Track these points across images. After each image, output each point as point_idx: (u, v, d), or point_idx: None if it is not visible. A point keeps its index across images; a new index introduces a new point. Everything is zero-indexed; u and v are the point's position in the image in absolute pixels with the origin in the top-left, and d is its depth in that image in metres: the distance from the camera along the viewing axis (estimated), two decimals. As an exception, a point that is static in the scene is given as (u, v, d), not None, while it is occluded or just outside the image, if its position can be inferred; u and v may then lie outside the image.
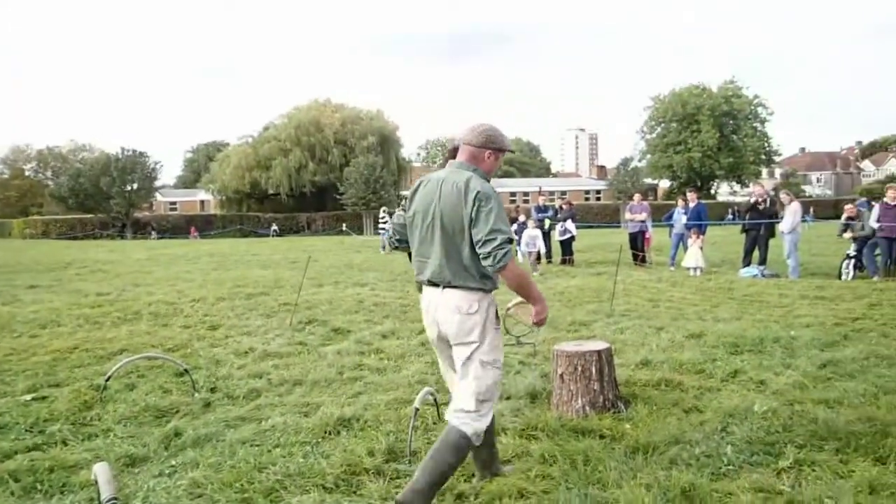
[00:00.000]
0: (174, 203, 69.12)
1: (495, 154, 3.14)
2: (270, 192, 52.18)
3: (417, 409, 3.80)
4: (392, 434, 3.94)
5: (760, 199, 13.12)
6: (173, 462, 3.69)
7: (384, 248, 22.37)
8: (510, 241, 2.94)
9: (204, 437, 4.06)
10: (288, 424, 4.23)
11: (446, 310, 3.07)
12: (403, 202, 3.32)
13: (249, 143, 54.52)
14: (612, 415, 4.19)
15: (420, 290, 3.27)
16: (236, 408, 4.72)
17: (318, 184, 50.61)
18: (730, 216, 42.52)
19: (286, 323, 8.07)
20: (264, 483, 3.34)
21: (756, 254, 12.90)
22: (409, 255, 3.36)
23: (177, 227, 49.11)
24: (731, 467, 3.34)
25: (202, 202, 67.81)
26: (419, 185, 3.23)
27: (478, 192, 2.93)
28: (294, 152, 50.29)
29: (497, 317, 3.14)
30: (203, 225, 48.41)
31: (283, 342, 6.99)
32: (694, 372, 5.24)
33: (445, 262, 3.04)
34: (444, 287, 3.08)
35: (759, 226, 12.87)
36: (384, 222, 23.44)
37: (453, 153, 3.24)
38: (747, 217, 13.18)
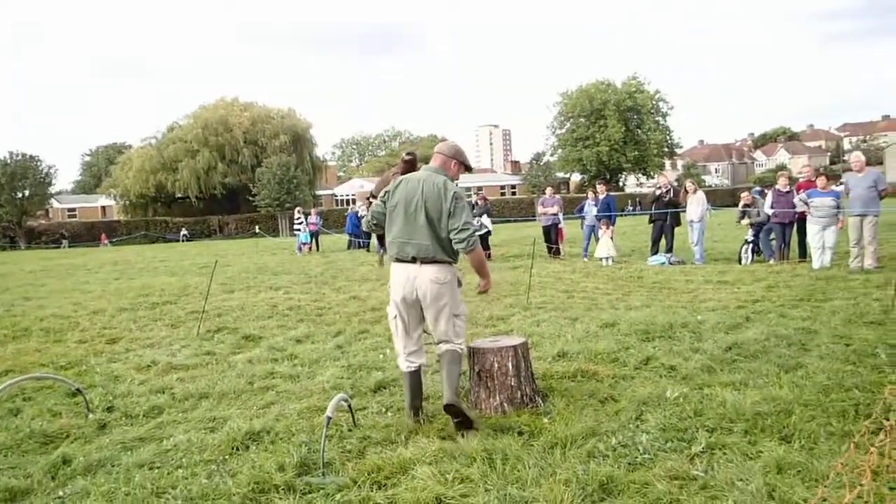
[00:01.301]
0: (73, 209, 65.05)
1: (459, 165, 4.21)
2: (178, 195, 49.93)
3: (330, 418, 3.64)
4: (304, 445, 3.74)
5: (665, 190, 13.61)
6: (60, 493, 3.36)
7: (300, 249, 21.83)
8: (476, 231, 4.00)
9: (97, 462, 3.73)
10: (192, 442, 3.95)
11: (425, 279, 3.98)
12: (384, 194, 4.18)
13: (153, 145, 51.95)
14: (529, 410, 4.16)
15: (381, 263, 4.47)
16: (135, 428, 4.38)
17: (229, 185, 48.85)
18: (630, 207, 44.06)
19: (193, 332, 7.67)
20: (163, 509, 3.09)
21: (663, 242, 13.39)
22: (381, 237, 4.26)
23: (76, 235, 46.20)
24: (646, 456, 3.36)
25: (104, 208, 64.21)
26: (399, 183, 4.11)
27: (454, 193, 3.98)
28: (202, 153, 48.30)
29: (459, 281, 4.15)
30: (106, 232, 45.76)
31: (190, 353, 6.62)
32: (608, 361, 5.30)
33: (430, 243, 3.96)
34: (421, 263, 3.97)
35: (665, 215, 13.35)
36: (299, 223, 22.87)
37: (408, 163, 4.69)
38: (653, 207, 13.64)
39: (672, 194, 13.54)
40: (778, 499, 2.80)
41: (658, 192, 13.83)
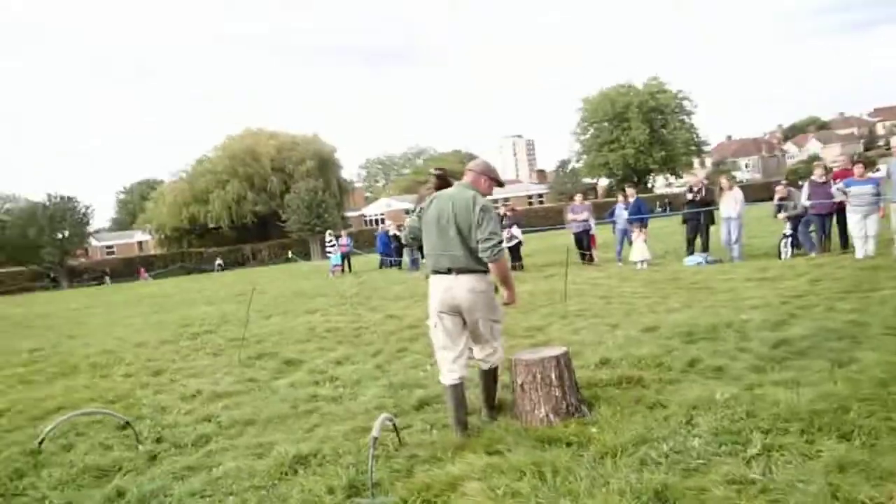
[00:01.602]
0: (111, 246, 66.70)
1: (490, 181, 4.40)
2: (211, 225, 50.93)
3: (376, 438, 3.62)
4: (352, 467, 3.74)
5: (697, 189, 13.41)
6: (117, 526, 3.40)
7: (332, 272, 22.02)
8: (501, 241, 4.19)
9: (149, 493, 3.78)
10: (241, 469, 3.98)
11: (462, 289, 4.16)
12: (419, 209, 4.42)
13: (184, 179, 53.15)
14: (576, 420, 4.10)
15: (427, 277, 4.39)
16: (184, 457, 4.43)
17: (260, 213, 49.66)
18: (659, 208, 43.38)
19: (234, 359, 7.75)
20: (217, 538, 3.10)
21: (698, 241, 13.17)
22: (421, 249, 4.47)
23: (115, 271, 47.31)
24: (700, 461, 3.28)
25: (140, 243, 65.71)
26: (432, 200, 4.34)
27: (482, 206, 4.14)
28: (232, 183, 49.25)
29: (496, 287, 4.36)
30: (144, 266, 46.79)
31: (233, 380, 6.69)
32: (653, 366, 5.21)
33: (462, 254, 4.14)
34: (457, 273, 4.15)
35: (698, 215, 13.15)
36: (331, 246, 23.08)
37: (440, 178, 4.66)
38: (686, 207, 13.46)
39: (705, 193, 13.35)
40: (842, 499, 2.70)
41: (690, 196, 13.65)
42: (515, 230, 15.66)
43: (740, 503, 2.81)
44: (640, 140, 57.84)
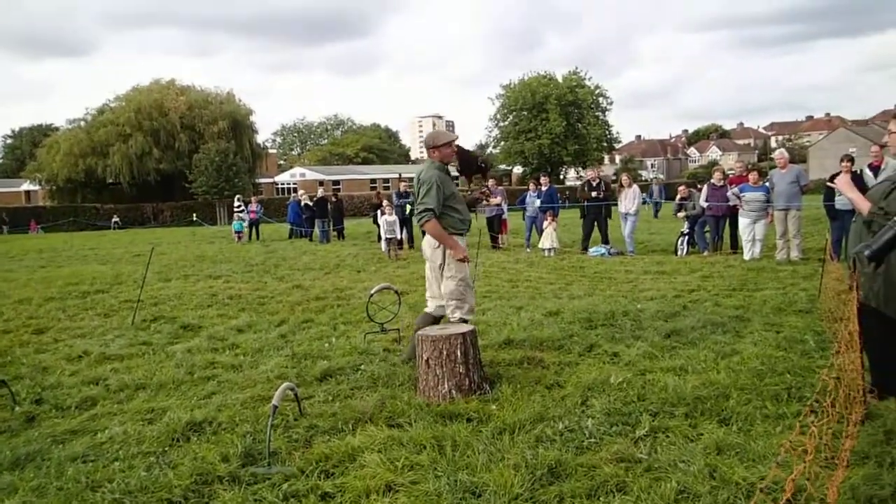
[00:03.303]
0: (-8, 194, 61.54)
1: (438, 150, 4.91)
2: (109, 180, 47.83)
3: (276, 407, 3.55)
4: (249, 435, 3.65)
5: (595, 183, 13.84)
6: (-16, 490, 3.17)
7: (239, 237, 21.31)
8: (430, 209, 4.76)
9: (25, 456, 3.54)
10: (129, 434, 3.80)
11: (424, 245, 5.02)
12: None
13: (82, 128, 49.51)
14: (478, 397, 4.18)
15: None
16: (66, 420, 4.18)
17: (164, 172, 47.04)
18: (559, 200, 44.31)
19: (128, 322, 7.38)
20: (99, 504, 2.95)
21: (597, 234, 13.63)
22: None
23: (-2, 221, 43.63)
24: (592, 440, 3.43)
25: (28, 193, 60.98)
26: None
27: (422, 179, 4.84)
28: (135, 137, 46.28)
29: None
30: (30, 218, 43.41)
31: (125, 343, 6.37)
32: (553, 348, 5.38)
33: None
34: (423, 233, 4.96)
35: (598, 208, 13.61)
36: (239, 211, 22.31)
37: (460, 153, 5.28)
38: (586, 201, 13.79)
39: (603, 187, 13.79)
40: (719, 479, 2.89)
41: (586, 184, 13.98)
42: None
43: (627, 480, 2.96)
44: (556, 132, 59.12)
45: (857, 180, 9.41)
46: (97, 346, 6.23)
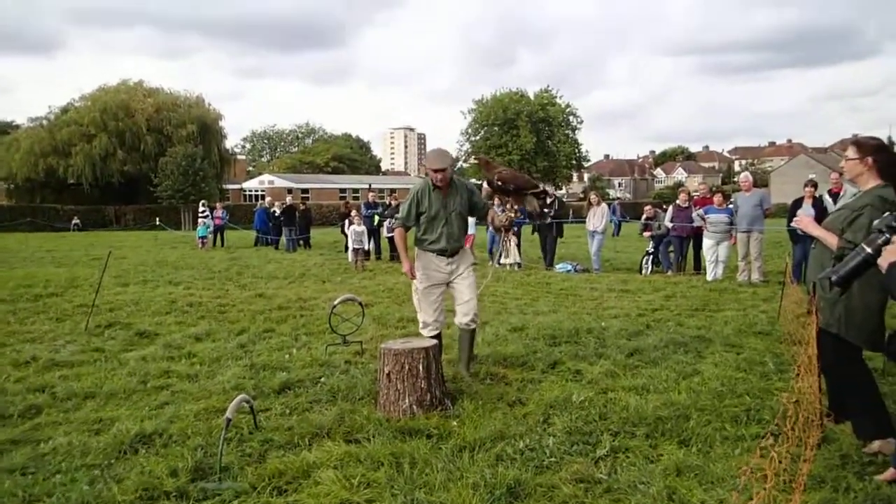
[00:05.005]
0: (-54, 191, 59.42)
1: (427, 170, 5.04)
2: (70, 181, 46.62)
3: (230, 420, 3.44)
4: (201, 449, 3.53)
5: (549, 201, 13.90)
6: (-87, 503, 2.99)
7: (202, 243, 20.92)
8: (397, 219, 5.17)
9: (-41, 468, 3.35)
10: (73, 445, 3.64)
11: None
12: None
13: (44, 126, 48.25)
14: (439, 413, 4.11)
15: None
16: (8, 429, 4.00)
17: (129, 174, 46.00)
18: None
19: (81, 327, 7.14)
20: (36, 520, 2.80)
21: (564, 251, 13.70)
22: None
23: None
24: (553, 459, 3.38)
25: (-16, 191, 59.08)
26: None
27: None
28: (99, 138, 45.19)
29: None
30: (-15, 217, 42.00)
31: (76, 349, 6.15)
32: (517, 365, 5.35)
33: None
34: None
35: (550, 226, 13.69)
36: (204, 216, 21.90)
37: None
38: (539, 218, 13.85)
39: (557, 206, 13.88)
40: (678, 501, 2.88)
41: (545, 209, 14.07)
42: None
43: (586, 501, 2.92)
44: (527, 148, 59.63)
45: (819, 206, 9.69)
46: (46, 351, 6.00)
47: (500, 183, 5.56)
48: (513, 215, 5.58)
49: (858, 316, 3.34)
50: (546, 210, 13.31)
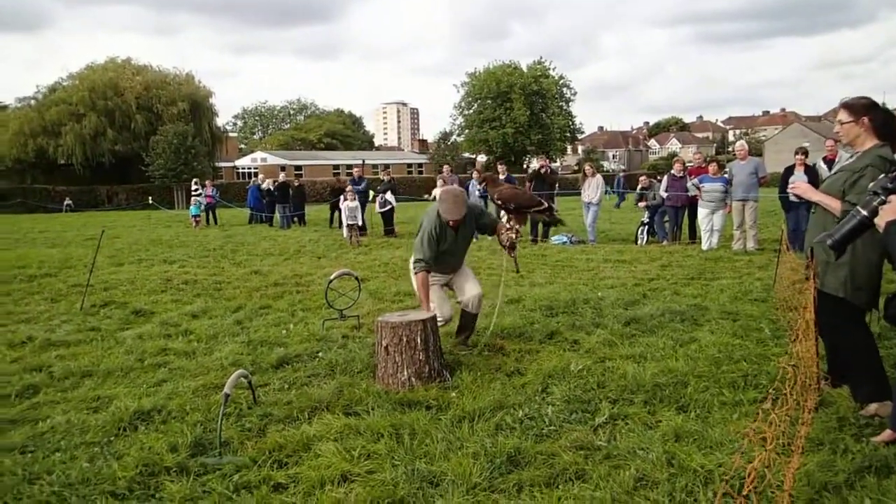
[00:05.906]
0: (-65, 174, 58.81)
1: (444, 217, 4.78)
2: (61, 161, 46.19)
3: (228, 395, 3.43)
4: (200, 425, 3.53)
5: (543, 171, 13.93)
6: (-87, 483, 2.98)
7: (196, 222, 20.83)
8: (419, 261, 4.74)
9: (-42, 448, 3.35)
10: (72, 423, 3.63)
11: None
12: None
13: (33, 107, 47.67)
14: (437, 384, 4.12)
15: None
16: (5, 409, 3.98)
17: (120, 153, 45.61)
18: None
19: (76, 307, 7.11)
20: (37, 497, 2.80)
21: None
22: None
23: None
24: (552, 427, 3.40)
25: (-27, 173, 58.48)
26: None
27: (422, 220, 4.89)
28: (89, 118, 44.72)
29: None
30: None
31: (72, 329, 6.13)
32: (514, 336, 5.35)
33: None
34: None
35: (548, 197, 13.63)
36: (197, 194, 21.76)
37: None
38: (532, 188, 13.80)
39: (551, 173, 13.87)
40: (677, 465, 2.89)
41: (537, 169, 14.10)
42: (389, 195, 15.55)
43: (586, 468, 2.93)
44: (521, 121, 59.26)
45: (811, 173, 9.67)
46: (42, 331, 5.98)
47: (499, 202, 5.46)
48: (514, 236, 5.33)
49: (863, 277, 3.34)
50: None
